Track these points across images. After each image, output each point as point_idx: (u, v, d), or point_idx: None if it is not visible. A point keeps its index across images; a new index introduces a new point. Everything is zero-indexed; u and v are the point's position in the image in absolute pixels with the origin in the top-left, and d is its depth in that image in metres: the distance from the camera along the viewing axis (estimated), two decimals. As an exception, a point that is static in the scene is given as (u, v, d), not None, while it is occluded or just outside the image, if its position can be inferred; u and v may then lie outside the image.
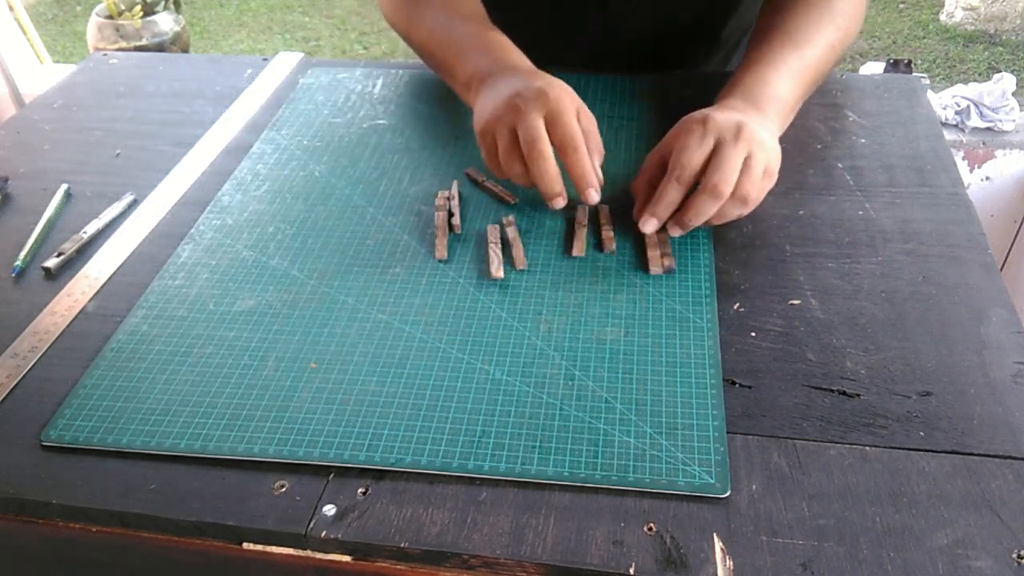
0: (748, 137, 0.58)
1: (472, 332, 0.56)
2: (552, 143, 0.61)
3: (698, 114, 0.61)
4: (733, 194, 0.58)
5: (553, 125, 0.60)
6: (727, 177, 0.57)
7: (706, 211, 0.59)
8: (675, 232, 0.61)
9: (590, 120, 0.63)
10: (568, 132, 0.60)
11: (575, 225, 0.64)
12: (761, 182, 0.59)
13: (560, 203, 0.62)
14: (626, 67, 0.85)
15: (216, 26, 3.27)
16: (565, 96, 0.61)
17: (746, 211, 0.60)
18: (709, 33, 0.88)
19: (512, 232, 0.63)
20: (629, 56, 0.87)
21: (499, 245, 0.62)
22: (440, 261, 0.62)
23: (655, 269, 0.60)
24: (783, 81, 0.66)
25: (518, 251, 0.62)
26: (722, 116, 0.60)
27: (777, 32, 0.69)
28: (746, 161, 0.58)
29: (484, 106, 0.64)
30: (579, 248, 0.62)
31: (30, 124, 0.85)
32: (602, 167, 0.64)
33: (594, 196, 0.62)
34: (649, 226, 0.61)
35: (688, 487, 0.46)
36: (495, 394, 0.52)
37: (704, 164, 0.59)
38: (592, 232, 0.64)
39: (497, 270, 0.60)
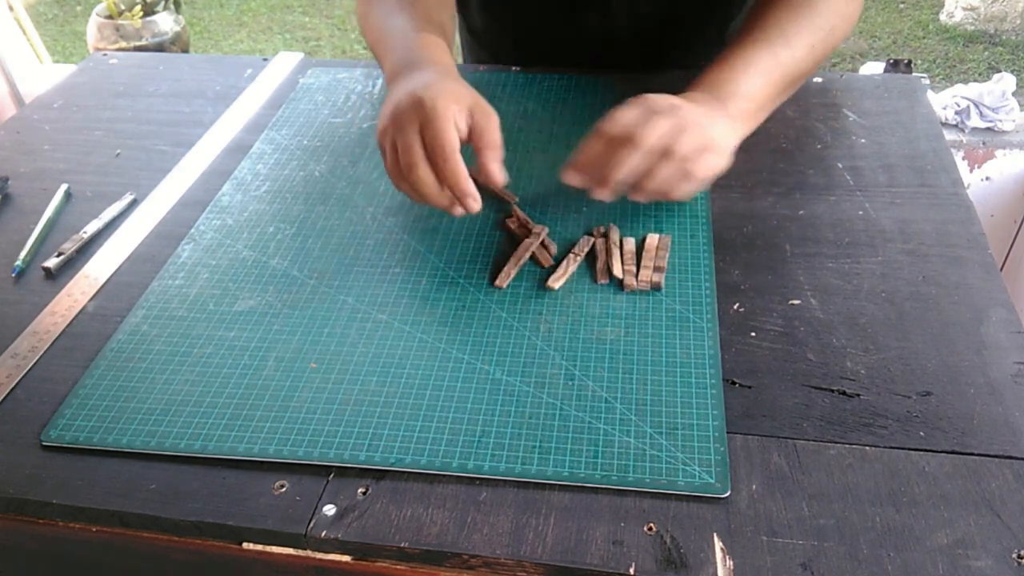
0: (682, 115, 0.58)
1: (472, 332, 0.56)
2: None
3: (637, 97, 0.60)
4: (665, 153, 0.57)
5: (425, 134, 0.57)
6: (652, 132, 0.56)
7: (626, 162, 0.57)
8: (603, 195, 0.59)
9: (484, 115, 0.59)
10: (436, 141, 0.57)
11: (569, 256, 0.62)
12: (700, 154, 0.58)
13: (471, 205, 0.59)
14: (628, 67, 0.85)
15: (216, 26, 3.27)
16: (442, 99, 0.57)
17: (690, 185, 0.58)
18: (712, 33, 0.88)
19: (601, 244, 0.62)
20: (631, 56, 0.87)
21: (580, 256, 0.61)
22: (495, 287, 0.60)
23: (643, 284, 0.59)
24: (751, 79, 0.65)
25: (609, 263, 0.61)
26: (660, 97, 0.59)
27: (754, 31, 0.68)
28: (677, 125, 0.57)
29: (379, 114, 0.62)
30: (548, 281, 0.60)
31: (30, 124, 0.85)
32: (505, 164, 0.60)
33: (472, 205, 0.58)
34: (606, 196, 0.59)
35: (688, 487, 0.46)
36: (495, 394, 0.52)
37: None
38: (589, 264, 0.62)
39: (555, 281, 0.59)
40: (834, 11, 0.69)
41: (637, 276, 0.59)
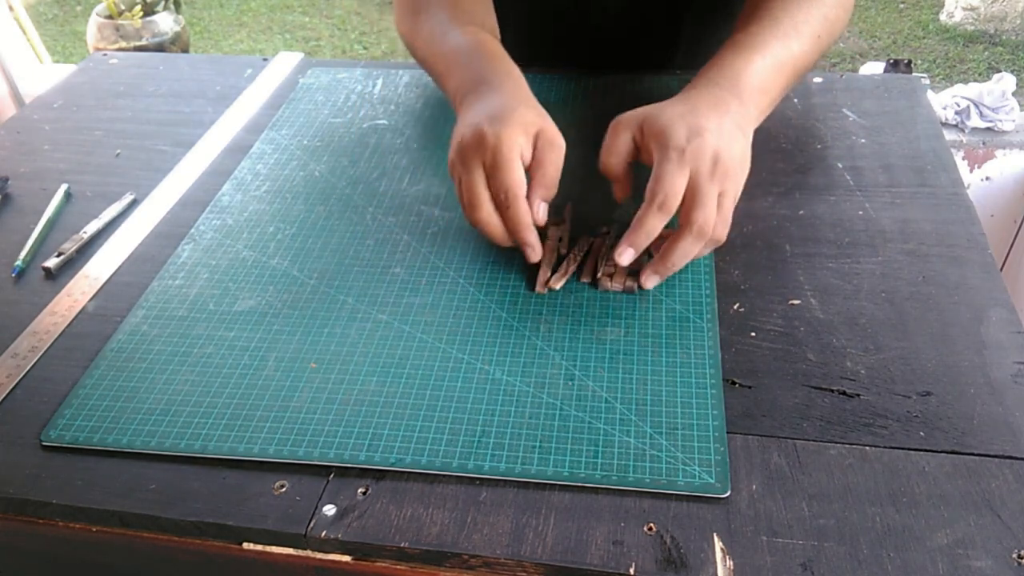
0: (723, 170, 0.55)
1: (472, 332, 0.56)
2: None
3: (674, 129, 0.56)
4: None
5: (491, 178, 0.57)
6: (708, 216, 0.54)
7: (690, 252, 0.55)
8: (652, 283, 0.58)
9: (548, 146, 0.58)
10: (499, 186, 0.56)
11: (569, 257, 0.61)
12: (735, 197, 0.57)
13: (531, 255, 0.59)
14: (628, 67, 0.85)
15: (216, 26, 3.27)
16: (506, 134, 0.56)
17: (708, 250, 0.58)
18: (716, 33, 0.88)
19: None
20: (632, 56, 0.87)
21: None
22: (537, 292, 0.59)
23: (615, 286, 0.58)
24: (768, 72, 0.63)
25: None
26: (700, 142, 0.55)
27: (765, 17, 0.66)
28: (720, 199, 0.55)
29: (451, 142, 0.61)
30: (550, 281, 0.59)
31: (30, 124, 0.85)
32: (556, 201, 0.60)
33: (531, 256, 0.59)
34: (626, 257, 0.56)
35: (688, 487, 0.46)
36: (495, 394, 0.52)
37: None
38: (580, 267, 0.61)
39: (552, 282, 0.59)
40: (835, 1, 0.68)
41: (612, 277, 0.59)
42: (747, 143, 0.59)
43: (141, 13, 1.98)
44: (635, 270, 0.59)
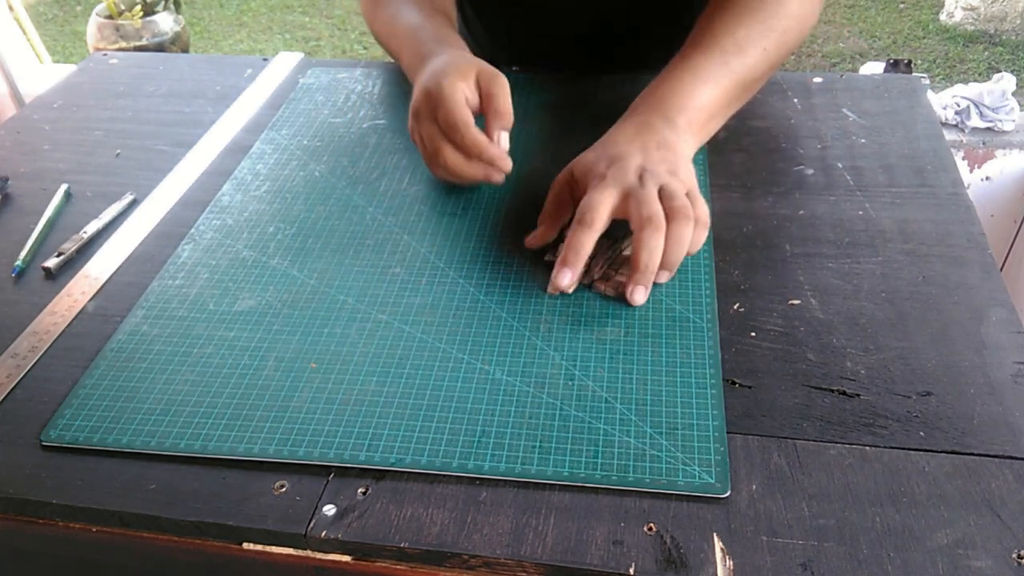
0: (652, 173, 0.57)
1: (472, 332, 0.56)
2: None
3: (595, 163, 0.60)
4: (670, 219, 0.55)
5: (443, 125, 0.62)
6: (652, 208, 0.55)
7: (655, 244, 0.55)
8: (639, 295, 0.57)
9: (489, 80, 0.63)
10: (448, 122, 0.62)
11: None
12: (688, 200, 0.57)
13: (496, 178, 0.64)
14: (628, 67, 0.85)
15: (216, 26, 3.27)
16: (446, 81, 0.62)
17: (702, 232, 0.57)
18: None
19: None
20: (632, 56, 0.87)
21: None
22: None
23: (608, 290, 0.58)
24: (700, 90, 0.64)
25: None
26: (620, 164, 0.58)
27: (705, 37, 0.67)
28: (667, 187, 0.57)
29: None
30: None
31: (30, 124, 0.85)
32: (510, 133, 0.65)
33: (505, 165, 0.63)
34: (564, 278, 0.57)
35: (688, 487, 0.46)
36: (495, 394, 0.52)
37: (618, 211, 0.57)
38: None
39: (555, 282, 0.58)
40: (786, 12, 0.68)
41: (607, 280, 0.58)
42: (678, 156, 0.61)
43: (141, 13, 1.98)
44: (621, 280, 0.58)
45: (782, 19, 0.68)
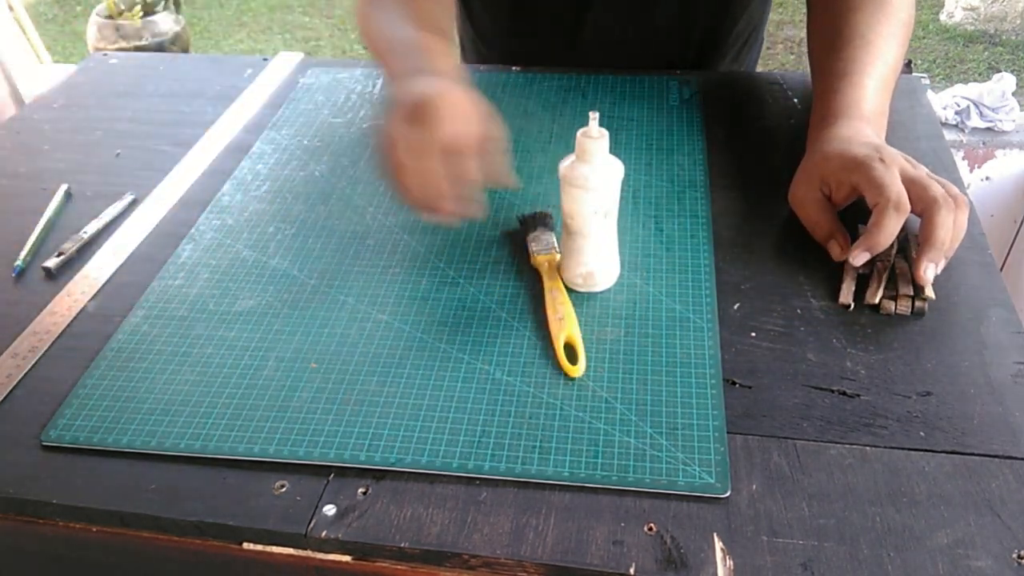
0: (911, 162, 0.59)
1: (472, 332, 0.56)
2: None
3: (868, 152, 0.59)
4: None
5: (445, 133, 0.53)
6: (938, 189, 0.56)
7: (950, 222, 0.55)
8: (931, 273, 0.56)
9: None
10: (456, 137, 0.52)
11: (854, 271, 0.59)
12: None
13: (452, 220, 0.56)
14: (629, 67, 0.85)
15: (216, 26, 3.27)
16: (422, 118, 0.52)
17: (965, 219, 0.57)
18: (718, 34, 0.88)
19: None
20: (633, 56, 0.87)
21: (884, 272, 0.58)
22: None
23: (902, 309, 0.56)
24: (879, 94, 0.66)
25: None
26: (887, 150, 0.59)
27: (854, 37, 0.67)
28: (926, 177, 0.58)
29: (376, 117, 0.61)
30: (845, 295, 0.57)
31: (30, 124, 0.85)
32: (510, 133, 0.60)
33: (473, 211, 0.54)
34: (862, 259, 0.57)
35: (688, 487, 0.46)
36: (495, 394, 0.52)
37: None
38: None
39: (845, 296, 0.57)
40: (905, 3, 0.70)
41: (894, 299, 0.56)
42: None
43: (141, 13, 1.98)
44: (909, 295, 0.56)
45: (904, 10, 0.70)
